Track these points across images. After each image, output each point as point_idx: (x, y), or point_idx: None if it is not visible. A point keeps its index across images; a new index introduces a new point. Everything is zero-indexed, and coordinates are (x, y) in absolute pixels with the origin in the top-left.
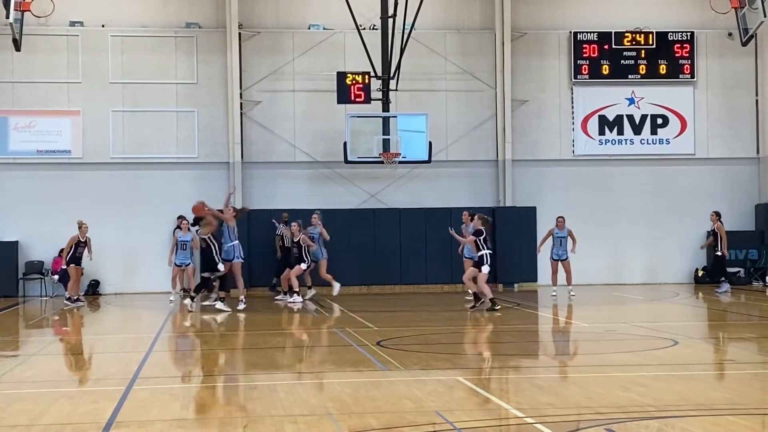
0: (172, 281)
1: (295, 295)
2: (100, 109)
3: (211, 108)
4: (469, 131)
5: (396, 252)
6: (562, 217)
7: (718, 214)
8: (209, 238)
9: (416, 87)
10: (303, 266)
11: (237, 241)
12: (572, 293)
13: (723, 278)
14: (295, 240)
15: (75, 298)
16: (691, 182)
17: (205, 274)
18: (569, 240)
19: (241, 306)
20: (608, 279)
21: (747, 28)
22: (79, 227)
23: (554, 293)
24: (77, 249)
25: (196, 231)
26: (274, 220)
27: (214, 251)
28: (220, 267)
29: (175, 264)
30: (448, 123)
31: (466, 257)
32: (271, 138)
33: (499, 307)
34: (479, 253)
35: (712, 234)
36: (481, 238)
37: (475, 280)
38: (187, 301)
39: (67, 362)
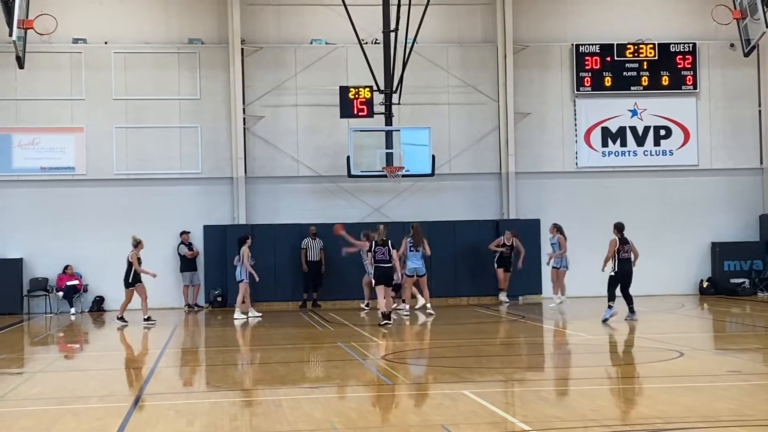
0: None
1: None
2: (103, 125)
3: (214, 123)
4: (471, 144)
5: None
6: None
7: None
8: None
9: (419, 100)
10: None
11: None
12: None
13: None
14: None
15: (146, 317)
16: (694, 193)
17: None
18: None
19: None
20: None
21: (749, 38)
22: (140, 243)
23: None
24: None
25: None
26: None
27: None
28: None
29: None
30: (451, 136)
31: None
32: (274, 153)
33: (386, 323)
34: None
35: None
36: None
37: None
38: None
39: (72, 379)
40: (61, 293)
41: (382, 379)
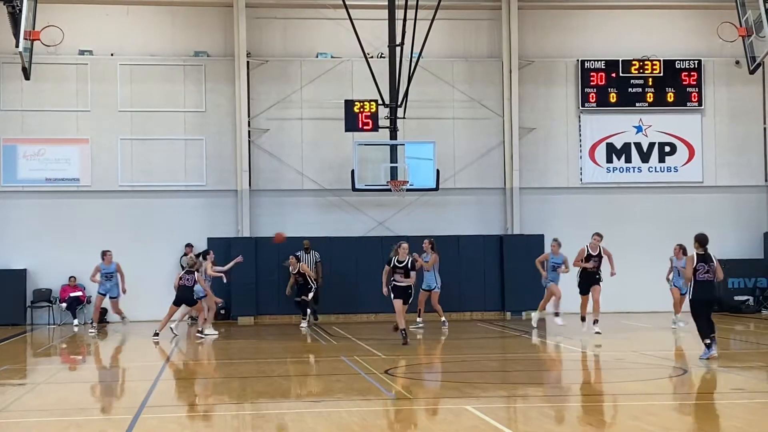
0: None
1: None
2: (108, 137)
3: (219, 136)
4: (476, 159)
5: None
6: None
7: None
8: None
9: (424, 115)
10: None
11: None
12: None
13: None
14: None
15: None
16: (699, 210)
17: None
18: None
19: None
20: (616, 307)
21: (754, 56)
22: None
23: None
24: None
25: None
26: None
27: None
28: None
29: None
30: (456, 150)
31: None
32: (278, 166)
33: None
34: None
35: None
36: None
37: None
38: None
39: (75, 390)
40: (64, 304)
41: (385, 393)
